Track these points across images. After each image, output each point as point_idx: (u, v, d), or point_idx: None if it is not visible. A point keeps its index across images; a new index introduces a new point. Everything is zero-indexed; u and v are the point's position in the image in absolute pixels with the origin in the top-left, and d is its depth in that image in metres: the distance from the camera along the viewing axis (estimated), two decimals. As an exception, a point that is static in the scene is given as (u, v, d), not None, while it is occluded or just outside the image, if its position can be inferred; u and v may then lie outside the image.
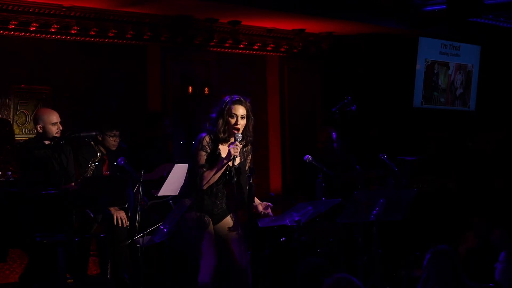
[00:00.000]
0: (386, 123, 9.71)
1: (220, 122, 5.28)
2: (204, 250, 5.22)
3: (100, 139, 6.76)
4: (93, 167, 6.36)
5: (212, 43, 8.58)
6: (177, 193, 6.12)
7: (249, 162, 5.46)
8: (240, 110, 5.28)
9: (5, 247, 5.66)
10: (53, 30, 7.41)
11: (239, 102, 5.30)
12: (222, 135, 5.29)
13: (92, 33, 7.67)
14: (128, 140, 7.21)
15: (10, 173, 6.13)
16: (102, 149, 6.74)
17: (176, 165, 6.42)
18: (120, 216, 6.50)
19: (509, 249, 5.22)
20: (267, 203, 5.41)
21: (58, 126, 6.28)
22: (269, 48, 9.20)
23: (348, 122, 7.58)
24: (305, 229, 6.42)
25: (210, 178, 5.21)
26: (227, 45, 8.77)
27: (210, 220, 5.31)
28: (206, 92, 8.57)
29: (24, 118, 7.34)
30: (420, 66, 9.64)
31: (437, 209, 8.80)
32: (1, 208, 5.38)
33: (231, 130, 5.28)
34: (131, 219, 6.18)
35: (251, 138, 5.40)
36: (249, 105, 5.34)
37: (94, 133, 6.38)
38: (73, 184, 6.18)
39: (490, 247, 6.48)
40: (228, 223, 5.39)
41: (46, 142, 6.26)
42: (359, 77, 9.56)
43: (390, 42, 9.56)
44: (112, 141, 6.85)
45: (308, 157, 6.81)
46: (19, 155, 6.42)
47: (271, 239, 6.85)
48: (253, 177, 5.35)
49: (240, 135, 5.25)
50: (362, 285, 3.79)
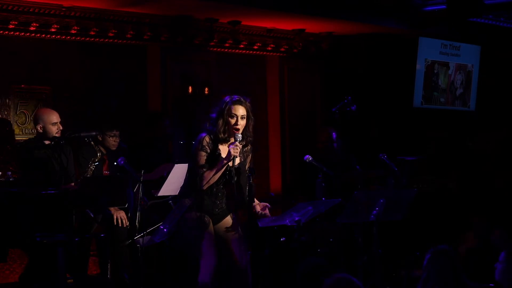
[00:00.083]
0: (386, 123, 9.70)
1: (220, 122, 5.28)
2: (204, 250, 5.22)
3: (100, 139, 6.76)
4: (93, 167, 6.36)
5: (212, 43, 8.58)
6: (177, 193, 6.12)
7: (249, 162, 5.46)
8: (240, 110, 5.28)
9: (5, 247, 5.66)
10: (53, 30, 7.41)
11: (239, 102, 5.29)
12: (222, 135, 5.28)
13: (92, 33, 7.67)
14: (128, 140, 7.21)
15: (10, 173, 6.12)
16: (102, 149, 6.74)
17: (176, 165, 6.42)
18: (120, 216, 6.50)
19: (509, 249, 5.22)
20: (265, 204, 5.41)
21: (58, 126, 6.27)
22: (269, 48, 9.20)
23: (348, 122, 7.58)
24: (305, 229, 6.41)
25: (210, 178, 5.21)
26: (227, 45, 8.77)
27: (210, 220, 5.31)
28: (206, 92, 8.57)
29: (24, 118, 7.34)
30: (420, 66, 9.64)
31: (437, 209, 8.79)
32: (1, 208, 5.38)
33: (231, 130, 5.27)
34: (131, 219, 6.17)
35: (251, 138, 5.40)
36: (249, 105, 5.34)
37: (94, 133, 6.38)
38: (73, 184, 6.18)
39: (490, 247, 6.48)
40: (228, 223, 5.38)
41: (46, 142, 6.25)
42: (359, 77, 9.56)
43: (390, 42, 9.55)
44: (112, 141, 6.85)
45: (308, 157, 6.81)
46: (19, 155, 6.41)
47: (271, 239, 6.85)
48: (253, 177, 5.35)
49: (240, 135, 5.24)
50: (362, 285, 3.79)
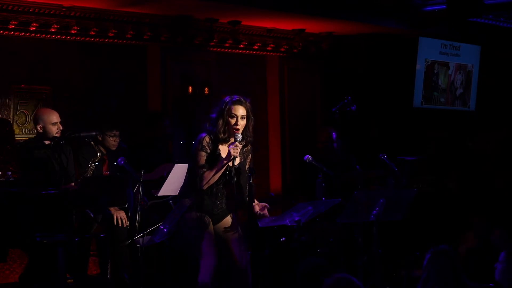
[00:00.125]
0: (386, 123, 9.70)
1: (220, 122, 5.27)
2: (204, 250, 5.22)
3: (100, 139, 6.76)
4: (93, 167, 6.36)
5: (212, 43, 8.58)
6: (177, 193, 6.11)
7: (249, 162, 5.45)
8: (240, 111, 5.27)
9: (5, 247, 5.66)
10: (53, 30, 7.41)
11: (239, 103, 5.29)
12: (222, 135, 5.28)
13: (92, 33, 7.67)
14: (128, 140, 7.21)
15: (10, 173, 6.12)
16: (102, 149, 6.74)
17: (176, 165, 6.42)
18: (120, 216, 6.50)
19: (509, 249, 5.22)
20: (263, 204, 5.39)
21: (58, 126, 6.27)
22: (269, 48, 9.20)
23: (348, 122, 7.58)
24: (305, 229, 6.41)
25: (210, 179, 5.21)
26: (227, 45, 8.77)
27: (210, 220, 5.31)
28: (206, 92, 8.57)
29: (24, 118, 7.34)
30: (420, 66, 9.64)
31: (437, 209, 8.80)
32: (1, 208, 5.38)
33: (231, 131, 5.27)
34: (131, 219, 6.17)
35: (251, 139, 5.39)
36: (249, 105, 5.33)
37: (94, 133, 6.38)
38: (73, 184, 6.18)
39: (490, 247, 6.48)
40: (228, 223, 5.38)
41: (46, 142, 6.25)
42: (359, 77, 9.56)
43: (390, 42, 9.56)
44: (112, 141, 6.85)
45: (308, 157, 6.81)
46: (19, 155, 6.41)
47: (271, 239, 6.85)
48: (253, 177, 5.35)
49: (240, 135, 5.24)
50: (362, 285, 3.79)
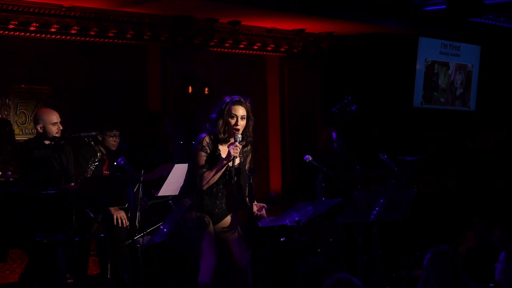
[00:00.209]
0: (386, 123, 9.70)
1: (220, 122, 5.27)
2: (204, 250, 5.22)
3: (100, 139, 6.76)
4: (93, 167, 6.36)
5: (212, 43, 8.58)
6: (177, 193, 6.12)
7: (249, 162, 5.45)
8: (240, 111, 5.27)
9: (5, 247, 5.66)
10: (53, 30, 7.41)
11: (239, 103, 5.29)
12: (222, 135, 5.28)
13: (92, 33, 7.67)
14: (128, 140, 7.21)
15: (10, 173, 6.12)
16: (102, 149, 6.74)
17: (176, 165, 6.42)
18: (120, 216, 6.50)
19: (509, 249, 5.22)
20: (262, 204, 5.39)
21: (58, 126, 6.27)
22: (269, 48, 9.20)
23: (348, 122, 7.58)
24: (305, 229, 6.41)
25: (210, 179, 5.21)
26: (227, 45, 8.77)
27: (210, 220, 5.31)
28: (206, 92, 8.57)
29: (24, 118, 7.34)
30: (420, 66, 9.64)
31: (437, 209, 8.80)
32: (1, 208, 5.38)
33: (231, 131, 5.27)
34: (131, 219, 6.17)
35: (251, 139, 5.39)
36: (249, 105, 5.33)
37: (94, 133, 6.38)
38: (73, 184, 6.18)
39: (490, 247, 6.48)
40: (228, 223, 5.38)
41: (46, 142, 6.25)
42: (359, 77, 9.56)
43: (390, 42, 9.55)
44: (112, 141, 6.85)
45: (308, 157, 6.81)
46: (19, 155, 6.41)
47: (271, 239, 6.84)
48: (253, 177, 5.35)
49: (240, 135, 5.24)
50: (362, 285, 3.79)
